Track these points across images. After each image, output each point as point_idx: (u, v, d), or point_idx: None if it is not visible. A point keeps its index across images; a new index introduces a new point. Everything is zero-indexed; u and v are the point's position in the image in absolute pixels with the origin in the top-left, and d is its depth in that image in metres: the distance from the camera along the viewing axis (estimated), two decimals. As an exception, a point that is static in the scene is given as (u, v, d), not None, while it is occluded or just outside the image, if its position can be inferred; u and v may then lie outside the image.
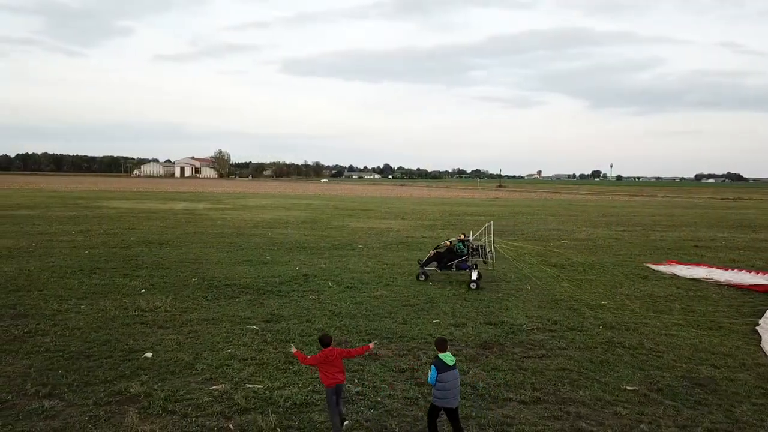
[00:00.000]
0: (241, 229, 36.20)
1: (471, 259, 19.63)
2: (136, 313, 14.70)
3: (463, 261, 19.72)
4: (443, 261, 19.93)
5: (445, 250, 20.37)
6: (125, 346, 12.00)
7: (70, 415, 8.68)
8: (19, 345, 11.93)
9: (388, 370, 10.81)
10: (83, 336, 12.65)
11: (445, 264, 19.87)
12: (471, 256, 19.69)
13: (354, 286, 18.59)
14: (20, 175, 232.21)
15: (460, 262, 19.75)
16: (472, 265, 19.26)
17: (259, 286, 18.33)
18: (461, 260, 19.76)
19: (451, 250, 20.24)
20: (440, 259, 20.00)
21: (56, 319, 13.91)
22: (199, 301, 16.23)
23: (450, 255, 20.05)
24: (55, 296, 16.36)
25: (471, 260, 19.60)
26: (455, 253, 20.05)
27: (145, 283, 18.38)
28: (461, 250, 20.02)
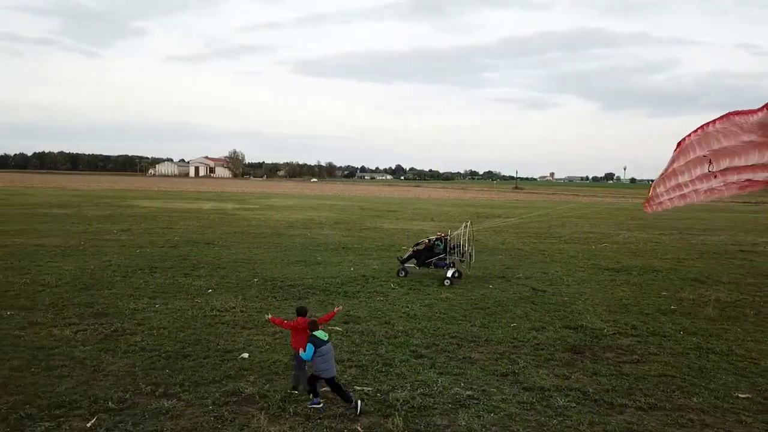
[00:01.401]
0: (278, 229, 36.30)
1: (448, 257, 20.17)
2: (213, 313, 14.77)
3: (441, 259, 20.28)
4: (422, 258, 20.52)
5: (424, 248, 20.88)
6: (218, 346, 12.05)
7: (194, 415, 8.73)
8: (113, 344, 12.02)
9: (489, 374, 10.78)
10: (172, 335, 12.72)
11: (424, 261, 20.46)
12: (448, 254, 20.19)
13: (416, 288, 18.57)
14: (38, 173, 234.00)
15: (438, 259, 20.33)
16: (450, 263, 19.83)
17: (322, 286, 18.37)
18: (439, 258, 20.33)
19: (430, 248, 20.73)
20: (419, 256, 20.59)
21: (137, 318, 14.00)
22: (270, 301, 16.29)
23: (428, 253, 20.61)
24: (126, 295, 16.48)
25: (448, 258, 20.02)
26: (434, 251, 20.53)
27: (209, 283, 18.47)
28: (439, 248, 20.49)
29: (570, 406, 9.27)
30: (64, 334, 12.64)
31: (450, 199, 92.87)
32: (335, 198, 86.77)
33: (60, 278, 18.59)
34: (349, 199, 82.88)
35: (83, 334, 12.66)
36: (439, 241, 20.76)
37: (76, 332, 12.79)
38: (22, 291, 16.70)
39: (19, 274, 19.07)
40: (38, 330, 12.92)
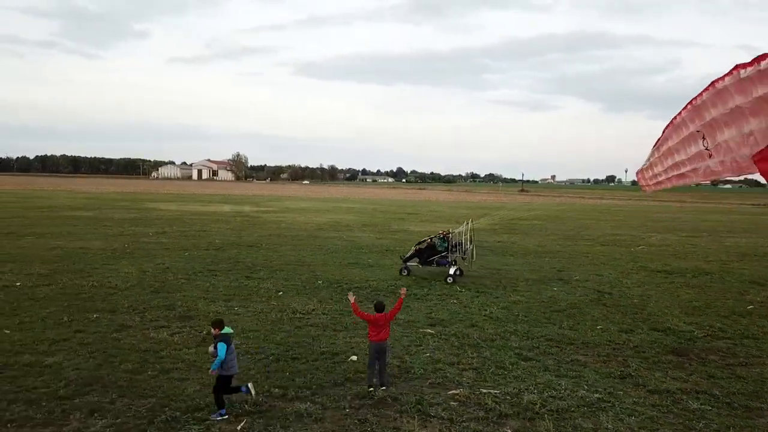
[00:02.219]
0: (310, 232, 36.25)
1: (450, 255, 20.31)
2: (296, 315, 14.74)
3: (443, 257, 20.55)
4: (424, 257, 20.80)
5: (426, 247, 21.12)
6: (320, 348, 12.02)
7: (336, 418, 8.69)
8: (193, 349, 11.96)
9: (605, 376, 10.76)
10: (267, 338, 12.69)
11: (426, 260, 20.73)
12: (450, 252, 20.50)
13: (483, 291, 18.54)
14: (41, 176, 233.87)
15: (440, 258, 20.59)
16: (452, 261, 20.14)
17: (389, 288, 18.35)
18: (441, 256, 20.61)
19: (432, 246, 20.98)
20: (421, 255, 20.87)
21: (199, 321, 13.78)
22: (346, 303, 16.23)
23: (430, 251, 20.86)
24: (199, 297, 16.44)
25: (450, 256, 20.31)
26: (436, 249, 20.79)
27: (276, 285, 18.44)
28: (441, 246, 20.78)
29: (706, 410, 9.25)
30: (161, 336, 12.60)
31: (462, 202, 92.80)
32: (347, 201, 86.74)
33: (125, 281, 18.54)
34: (362, 202, 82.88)
35: (179, 337, 12.63)
36: (441, 239, 21.03)
37: (172, 335, 12.76)
38: (94, 294, 16.65)
39: (81, 277, 19.01)
40: (132, 333, 12.88)
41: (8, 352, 11.43)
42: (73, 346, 11.90)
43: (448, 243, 20.74)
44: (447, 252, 20.61)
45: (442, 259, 20.53)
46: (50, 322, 13.58)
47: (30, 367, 10.59)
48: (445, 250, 20.64)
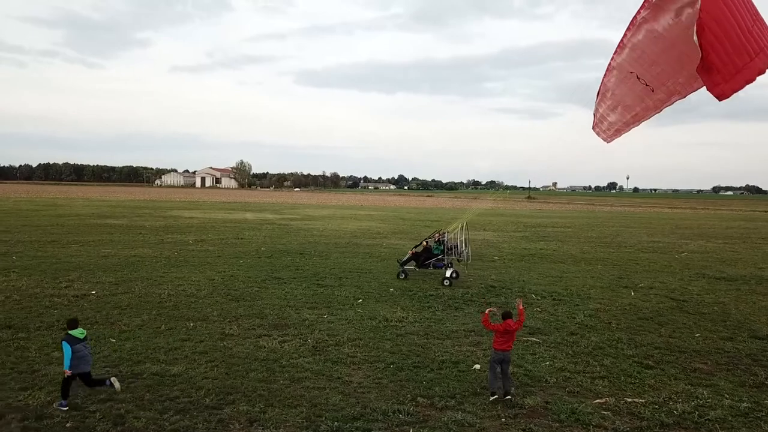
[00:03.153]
0: (348, 239, 36.16)
1: (446, 258, 20.65)
2: (390, 323, 14.65)
3: (439, 260, 20.89)
4: (420, 259, 21.12)
5: (422, 250, 21.45)
6: (439, 357, 11.94)
7: (499, 428, 8.62)
8: (330, 355, 11.91)
9: (738, 385, 10.70)
10: (377, 346, 12.62)
11: (423, 262, 21.06)
12: (446, 254, 20.84)
13: (558, 298, 18.45)
14: (46, 184, 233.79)
15: (436, 260, 20.93)
16: (447, 263, 20.45)
17: (460, 295, 18.24)
18: (437, 259, 20.95)
19: (428, 249, 21.31)
20: (418, 258, 21.19)
21: (323, 330, 13.86)
22: (434, 311, 16.17)
23: (427, 254, 21.21)
24: (284, 306, 16.35)
25: (446, 259, 20.65)
26: (432, 252, 21.13)
27: (350, 293, 18.35)
28: (437, 249, 21.11)
29: None
30: (271, 345, 12.52)
31: (484, 209, 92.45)
32: (362, 208, 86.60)
33: (198, 289, 18.46)
34: (378, 210, 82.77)
35: (290, 345, 12.55)
36: (437, 243, 21.34)
37: (281, 343, 12.68)
38: (177, 302, 16.57)
39: (152, 285, 18.93)
40: (239, 341, 12.80)
41: (128, 361, 11.36)
42: (188, 354, 11.83)
43: (443, 246, 21.06)
44: (443, 255, 21.02)
45: (438, 262, 20.98)
46: (150, 331, 13.50)
47: (160, 377, 10.51)
48: (441, 253, 21.05)
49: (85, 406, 9.18)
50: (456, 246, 21.30)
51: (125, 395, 9.63)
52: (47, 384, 10.04)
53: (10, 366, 10.94)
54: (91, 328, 13.63)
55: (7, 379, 10.28)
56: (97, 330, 13.52)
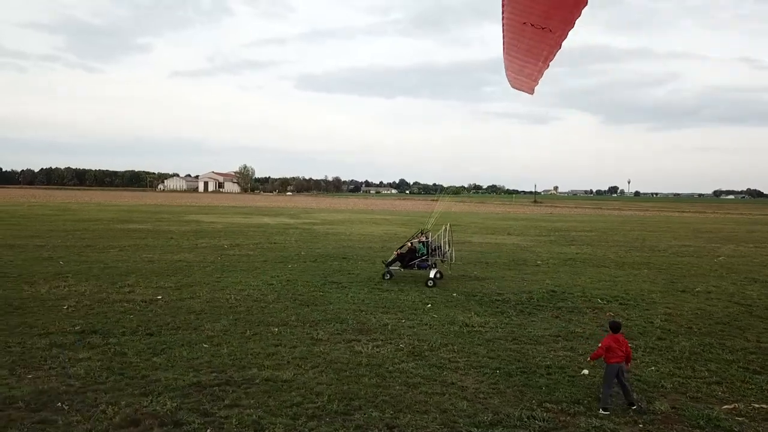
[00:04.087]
0: (381, 244, 36.06)
1: (430, 259, 21.07)
2: (472, 328, 14.58)
3: (423, 260, 21.07)
4: (405, 260, 21.46)
5: (407, 251, 21.75)
6: (540, 362, 11.87)
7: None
8: (431, 360, 11.82)
9: None
10: (473, 351, 12.54)
11: (407, 263, 21.25)
12: (430, 255, 21.19)
13: (626, 303, 18.37)
14: (49, 189, 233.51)
15: (420, 261, 21.11)
16: (432, 264, 20.90)
17: (534, 301, 18.18)
18: (421, 260, 21.12)
19: (413, 250, 21.63)
20: (403, 259, 21.53)
21: (409, 335, 13.78)
22: (508, 316, 16.09)
23: (411, 255, 21.53)
24: (358, 310, 16.27)
25: (430, 260, 21.08)
26: (416, 253, 21.47)
27: (416, 297, 18.27)
28: (422, 250, 21.42)
29: None
30: (367, 350, 12.44)
31: (495, 214, 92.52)
32: (374, 213, 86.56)
33: (263, 294, 18.39)
34: (391, 214, 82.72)
35: (385, 350, 12.49)
36: (421, 244, 21.72)
37: (376, 348, 12.61)
38: (248, 307, 16.48)
39: (215, 290, 18.84)
40: (331, 346, 12.72)
41: (232, 366, 11.27)
42: (288, 359, 11.74)
43: (427, 247, 21.48)
44: (427, 255, 21.41)
45: (422, 263, 21.36)
46: (237, 336, 13.41)
47: (273, 382, 10.43)
48: (426, 254, 21.43)
49: (213, 412, 9.11)
50: (439, 247, 21.80)
51: (249, 401, 9.57)
52: (165, 390, 9.95)
53: (118, 371, 10.85)
54: (175, 333, 13.60)
55: (122, 385, 10.19)
56: (183, 335, 13.44)
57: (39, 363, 11.27)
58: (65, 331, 13.58)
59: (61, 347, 12.29)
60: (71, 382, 10.26)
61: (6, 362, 11.24)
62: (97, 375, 10.64)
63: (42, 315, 15.07)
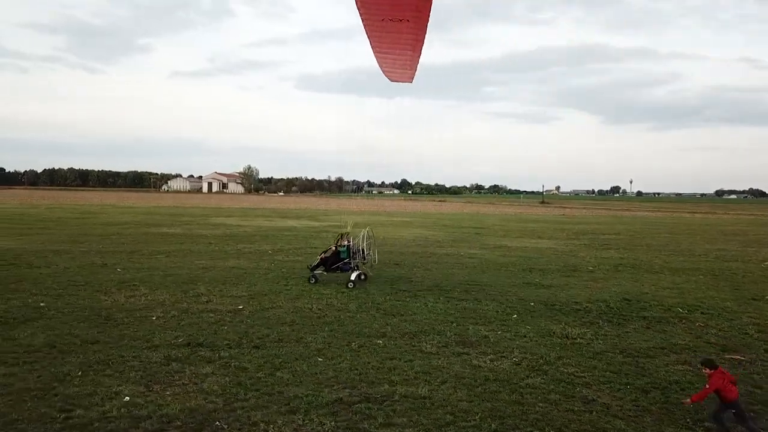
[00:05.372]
0: (420, 249, 36.04)
1: (353, 261, 21.95)
2: (576, 341, 14.51)
3: (346, 263, 21.94)
4: (328, 264, 22.14)
5: (330, 255, 22.34)
6: (666, 377, 11.83)
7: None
8: (550, 375, 11.79)
9: None
10: (589, 364, 12.51)
11: (330, 266, 22.11)
12: (352, 258, 21.91)
13: (709, 312, 18.28)
14: (54, 190, 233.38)
15: (343, 264, 22.00)
16: (354, 267, 21.86)
17: (614, 311, 18.14)
18: (344, 262, 21.98)
19: (336, 254, 22.35)
20: (326, 262, 22.19)
21: (516, 347, 13.74)
22: (600, 326, 16.06)
23: (334, 258, 22.16)
24: (447, 321, 16.20)
25: (353, 262, 21.95)
26: (339, 257, 22.10)
27: (496, 307, 18.22)
28: (344, 254, 22.07)
29: None
30: (484, 363, 12.41)
31: (509, 215, 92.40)
32: (393, 214, 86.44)
33: (343, 303, 18.34)
34: (410, 215, 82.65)
35: (502, 364, 12.45)
36: (343, 247, 22.43)
37: (492, 361, 12.58)
38: (336, 317, 16.39)
39: (291, 299, 18.79)
40: (445, 359, 12.66)
41: (360, 381, 11.20)
42: (412, 375, 11.66)
43: (349, 250, 22.22)
44: (349, 258, 22.10)
45: (345, 265, 21.96)
46: (345, 349, 13.32)
47: (413, 399, 10.38)
48: (348, 257, 22.12)
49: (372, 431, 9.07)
50: (361, 250, 22.57)
51: (401, 419, 9.52)
52: (310, 407, 9.91)
53: (252, 387, 10.79)
54: (281, 346, 13.55)
55: (264, 401, 10.14)
56: (291, 348, 13.37)
57: (167, 378, 11.22)
58: (171, 344, 13.52)
59: (177, 361, 12.24)
60: (213, 399, 10.23)
61: (135, 377, 11.19)
62: (233, 391, 10.59)
63: (137, 326, 15.01)
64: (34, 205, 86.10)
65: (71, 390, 10.43)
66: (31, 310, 16.64)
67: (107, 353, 12.65)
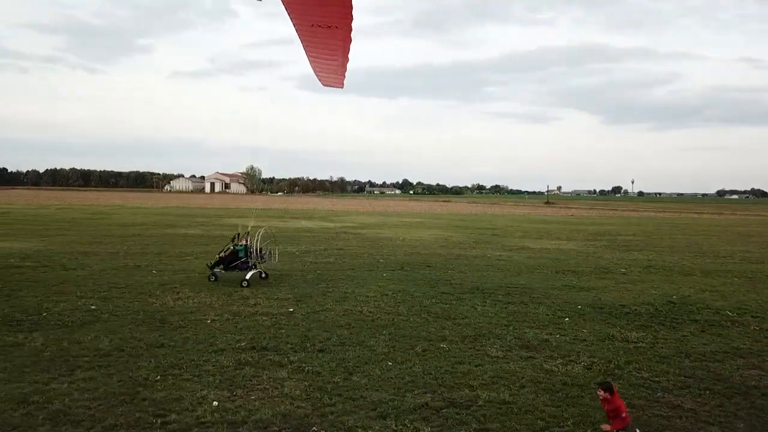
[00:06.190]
0: (445, 251, 35.99)
1: (250, 260, 22.29)
2: (639, 345, 14.50)
3: (244, 262, 22.29)
4: (226, 262, 22.45)
5: (228, 254, 22.64)
6: (742, 382, 11.81)
7: None
8: (633, 380, 11.78)
9: None
10: (658, 368, 12.50)
11: (228, 265, 22.41)
12: (249, 257, 22.27)
13: (760, 316, 18.22)
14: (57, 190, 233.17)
15: (241, 263, 22.32)
16: (252, 265, 22.23)
17: (660, 314, 18.13)
18: (242, 261, 22.32)
19: (234, 253, 22.58)
20: (224, 261, 22.49)
21: (579, 351, 13.74)
22: (655, 329, 16.05)
23: (232, 257, 22.47)
24: (499, 324, 16.19)
25: (250, 261, 22.30)
26: (237, 256, 22.43)
27: (544, 310, 18.22)
28: (241, 253, 22.41)
29: None
30: (559, 369, 12.37)
31: (518, 215, 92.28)
32: (403, 215, 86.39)
33: (391, 306, 18.33)
34: (420, 216, 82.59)
35: (574, 368, 12.43)
36: (241, 247, 22.82)
37: (564, 367, 12.56)
38: (392, 321, 16.38)
39: (337, 301, 18.76)
40: (515, 363, 12.66)
41: (439, 386, 11.18)
42: (486, 378, 11.64)
43: (246, 250, 22.65)
44: (246, 257, 22.47)
45: (243, 264, 22.26)
46: (410, 353, 13.32)
47: (497, 405, 10.34)
48: (245, 256, 22.50)
49: (470, 438, 9.05)
50: (258, 249, 22.96)
51: (494, 425, 9.51)
52: (399, 413, 9.89)
53: (334, 392, 10.77)
54: (345, 350, 13.52)
55: (350, 407, 10.12)
56: (357, 352, 13.34)
57: (246, 383, 11.21)
58: (235, 347, 13.49)
59: (250, 365, 12.21)
60: (300, 404, 10.21)
61: (214, 382, 11.18)
62: (317, 396, 10.58)
63: (195, 330, 14.99)
64: (43, 206, 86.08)
65: (157, 395, 10.41)
66: (83, 313, 16.63)
67: (177, 357, 12.64)
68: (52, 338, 13.85)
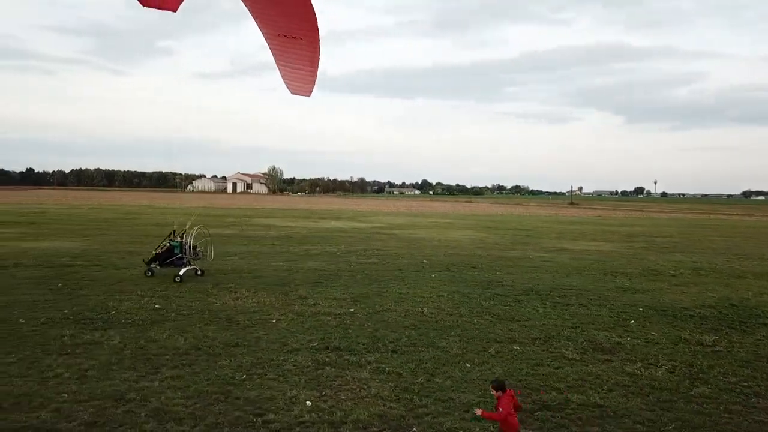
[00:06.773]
0: (485, 252, 35.80)
1: (185, 257, 22.79)
2: (714, 348, 14.28)
3: (179, 259, 22.75)
4: (161, 259, 22.89)
5: (164, 251, 23.13)
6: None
7: None
8: (721, 384, 11.58)
9: None
10: (743, 373, 12.29)
11: (164, 261, 22.87)
12: (184, 254, 22.72)
13: (822, 318, 17.94)
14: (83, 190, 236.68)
15: (176, 259, 22.76)
16: (186, 262, 22.69)
17: (718, 317, 17.82)
18: (177, 258, 22.76)
19: (170, 249, 23.03)
20: (160, 258, 22.92)
21: (655, 354, 13.57)
22: (726, 333, 15.78)
23: (168, 254, 22.97)
24: (565, 326, 16.05)
25: (185, 258, 22.79)
26: (172, 252, 22.88)
27: (607, 312, 18.01)
28: (176, 249, 22.87)
29: None
30: (642, 372, 12.24)
31: (545, 216, 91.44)
32: (430, 215, 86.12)
33: (451, 307, 18.29)
34: (447, 216, 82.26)
35: (658, 372, 12.26)
36: (176, 243, 23.11)
37: (647, 370, 12.39)
38: (456, 323, 16.35)
39: (397, 302, 18.75)
40: (593, 365, 12.53)
41: (526, 388, 11.10)
42: (569, 381, 11.58)
43: (181, 246, 23.07)
44: (181, 254, 22.78)
45: (178, 261, 22.71)
46: (482, 355, 13.29)
47: (589, 408, 10.30)
48: (180, 253, 22.91)
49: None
50: (193, 247, 23.26)
51: (593, 428, 9.40)
52: (493, 415, 9.81)
53: (420, 393, 10.75)
54: (417, 350, 13.51)
55: (441, 408, 10.12)
56: (430, 353, 13.34)
57: (332, 383, 11.23)
58: (309, 347, 13.55)
59: (330, 365, 12.23)
60: (392, 405, 10.20)
61: (300, 382, 11.21)
62: (406, 397, 10.57)
63: (264, 329, 15.08)
64: (75, 206, 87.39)
65: (249, 393, 10.48)
66: (149, 311, 16.83)
67: (255, 356, 12.71)
68: (127, 336, 14.03)
